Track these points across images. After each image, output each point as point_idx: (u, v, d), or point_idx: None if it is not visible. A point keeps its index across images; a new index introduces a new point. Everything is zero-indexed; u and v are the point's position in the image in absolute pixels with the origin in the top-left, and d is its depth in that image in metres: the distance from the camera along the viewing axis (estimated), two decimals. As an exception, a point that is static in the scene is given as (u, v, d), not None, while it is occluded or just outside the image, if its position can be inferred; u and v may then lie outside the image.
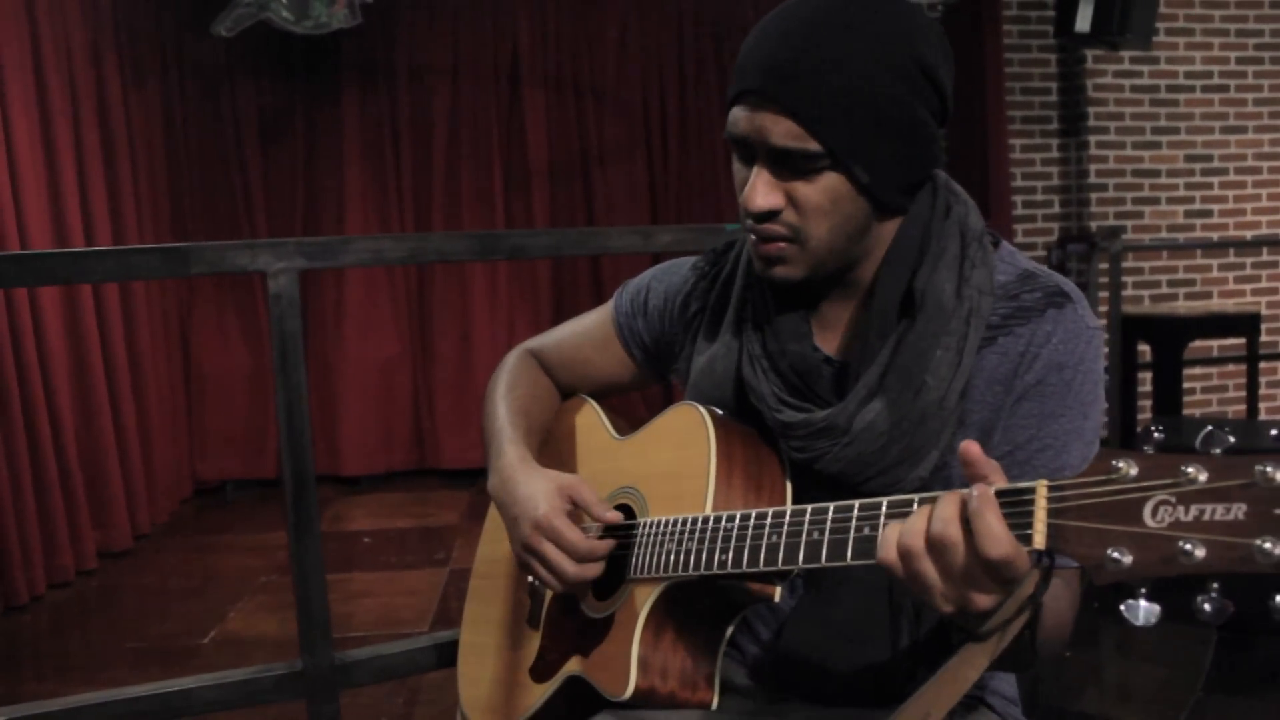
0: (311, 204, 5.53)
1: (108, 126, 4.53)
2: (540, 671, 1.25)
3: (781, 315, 1.13)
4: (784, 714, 1.14)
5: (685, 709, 1.11)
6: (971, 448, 0.84)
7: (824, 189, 1.03)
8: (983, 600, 0.81)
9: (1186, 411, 5.53)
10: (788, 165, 1.03)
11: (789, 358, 1.11)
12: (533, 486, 1.18)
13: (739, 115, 1.05)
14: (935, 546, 0.82)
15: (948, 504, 0.82)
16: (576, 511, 1.18)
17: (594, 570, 1.14)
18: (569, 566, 1.13)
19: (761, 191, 1.04)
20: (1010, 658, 0.86)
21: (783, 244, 1.06)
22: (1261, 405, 5.56)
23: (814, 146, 1.01)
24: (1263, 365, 5.43)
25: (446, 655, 1.57)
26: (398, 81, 5.52)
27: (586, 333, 1.42)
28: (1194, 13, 5.65)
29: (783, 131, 1.01)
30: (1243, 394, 5.38)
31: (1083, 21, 4.51)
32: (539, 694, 1.23)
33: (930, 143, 1.06)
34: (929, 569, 0.82)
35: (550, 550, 1.14)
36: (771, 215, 1.05)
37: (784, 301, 1.14)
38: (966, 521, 0.81)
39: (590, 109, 5.73)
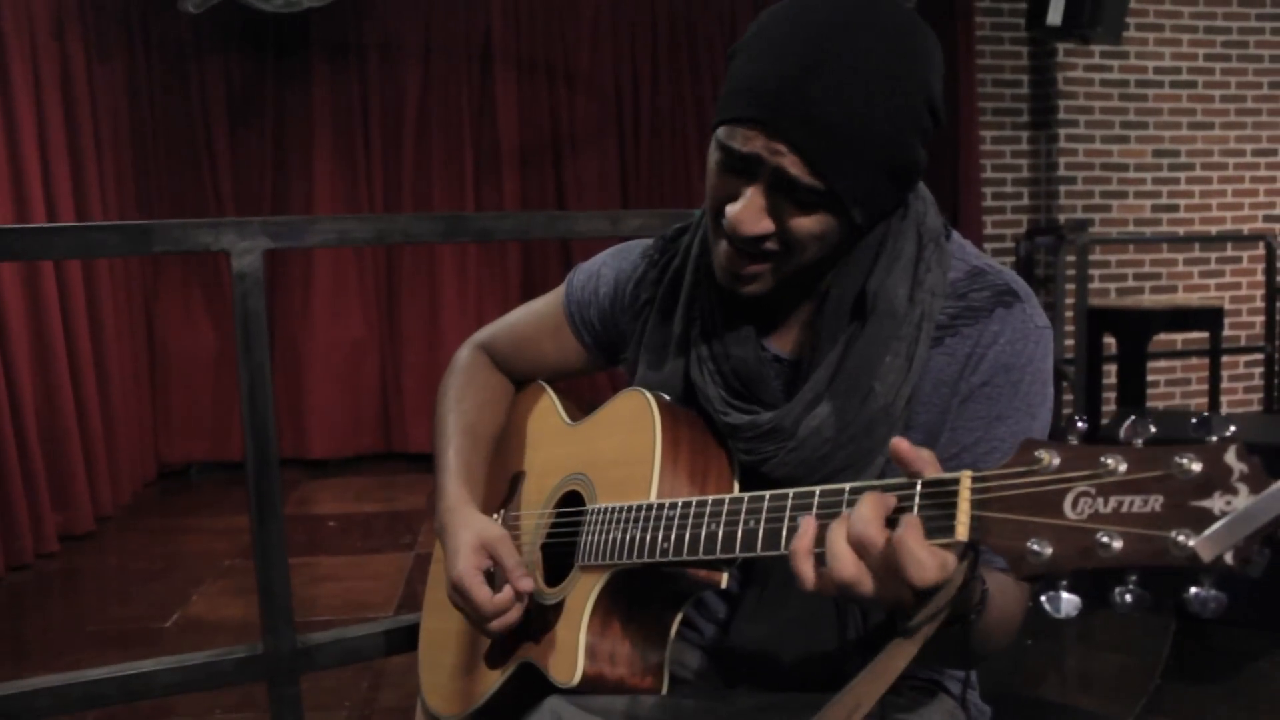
0: (280, 184, 5.47)
1: (71, 103, 4.45)
2: (495, 658, 1.24)
3: (729, 317, 1.12)
4: (733, 700, 1.14)
5: (634, 694, 1.11)
6: (900, 444, 0.82)
7: (818, 221, 1.00)
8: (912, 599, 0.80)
9: (1150, 404, 5.59)
10: (790, 195, 0.99)
11: (732, 361, 1.10)
12: (457, 540, 1.20)
13: (749, 135, 0.98)
14: (856, 547, 0.80)
15: (869, 504, 0.80)
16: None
17: (513, 616, 1.16)
18: (484, 625, 1.17)
19: (754, 217, 1.00)
20: (951, 653, 0.84)
21: (763, 264, 1.04)
22: (1223, 398, 5.64)
23: (821, 186, 0.97)
24: (1225, 359, 5.50)
25: (410, 639, 1.56)
26: (368, 61, 5.46)
27: (539, 318, 1.39)
28: (1164, 9, 5.70)
29: (793, 164, 0.97)
30: (1205, 387, 5.45)
31: (1054, 15, 4.53)
32: (493, 680, 1.23)
33: (920, 174, 1.04)
34: (854, 567, 0.80)
35: (465, 608, 1.18)
36: (760, 239, 1.02)
37: (733, 301, 1.11)
38: (890, 524, 0.79)
39: (562, 93, 5.70)
